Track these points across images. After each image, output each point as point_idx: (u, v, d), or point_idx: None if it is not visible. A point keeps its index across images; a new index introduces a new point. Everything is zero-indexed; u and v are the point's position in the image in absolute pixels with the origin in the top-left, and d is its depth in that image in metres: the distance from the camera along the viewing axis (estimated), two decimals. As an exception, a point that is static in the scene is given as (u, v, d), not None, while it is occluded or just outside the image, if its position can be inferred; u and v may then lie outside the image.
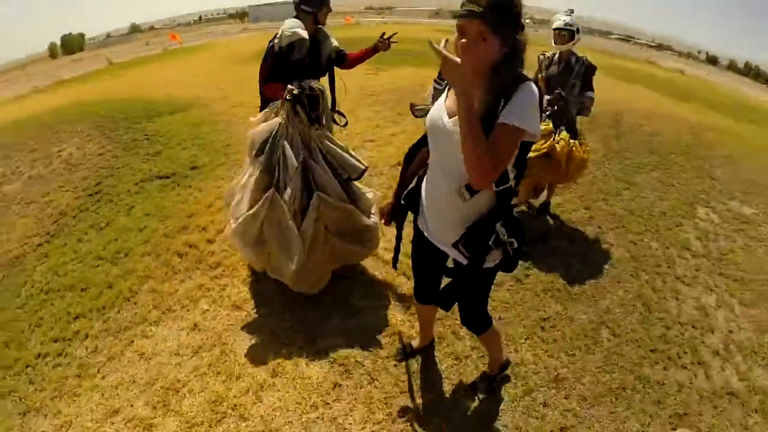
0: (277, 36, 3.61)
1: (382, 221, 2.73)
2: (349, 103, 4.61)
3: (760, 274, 5.35)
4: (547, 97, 5.03)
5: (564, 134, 4.99)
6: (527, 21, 2.01)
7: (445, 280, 2.53)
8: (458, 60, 1.82)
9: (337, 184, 3.68)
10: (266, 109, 3.81)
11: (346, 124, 4.13)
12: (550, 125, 5.04)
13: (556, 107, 5.03)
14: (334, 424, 2.95)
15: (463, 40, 1.85)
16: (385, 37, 4.27)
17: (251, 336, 3.62)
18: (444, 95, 2.12)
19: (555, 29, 5.02)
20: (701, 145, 9.67)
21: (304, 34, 3.57)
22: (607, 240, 5.39)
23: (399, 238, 2.75)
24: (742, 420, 3.45)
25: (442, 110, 2.06)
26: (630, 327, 4.11)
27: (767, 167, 9.48)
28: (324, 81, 4.04)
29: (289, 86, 3.49)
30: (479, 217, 2.14)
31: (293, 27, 3.57)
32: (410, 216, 2.58)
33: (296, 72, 3.62)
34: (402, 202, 2.52)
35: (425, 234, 2.42)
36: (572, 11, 5.13)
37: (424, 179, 2.37)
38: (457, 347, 3.60)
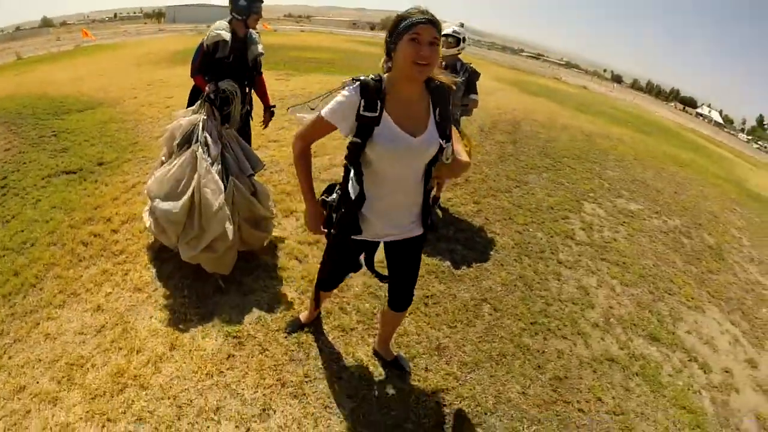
0: (207, 35, 4.26)
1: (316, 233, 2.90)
2: (258, 106, 4.98)
3: (641, 260, 6.02)
4: None
5: (446, 129, 5.45)
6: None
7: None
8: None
9: (244, 176, 4.29)
10: (190, 107, 4.42)
11: (266, 127, 5.27)
12: None
13: None
14: (227, 390, 3.21)
15: (435, 46, 2.24)
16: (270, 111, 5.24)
17: (152, 314, 3.85)
18: (383, 122, 2.36)
19: (444, 35, 5.49)
20: (594, 150, 10.57)
21: (227, 36, 4.22)
22: (493, 230, 5.90)
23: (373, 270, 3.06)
24: (623, 382, 3.94)
25: (401, 135, 2.38)
26: (511, 303, 4.58)
27: (656, 170, 10.49)
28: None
29: (208, 88, 4.22)
30: (424, 194, 2.70)
31: (219, 29, 4.23)
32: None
33: (221, 68, 4.33)
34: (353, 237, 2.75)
35: (370, 240, 2.79)
36: (462, 24, 5.66)
37: (374, 201, 2.61)
38: (344, 321, 3.94)
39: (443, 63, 5.64)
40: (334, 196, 2.69)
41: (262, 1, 4.35)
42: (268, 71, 13.70)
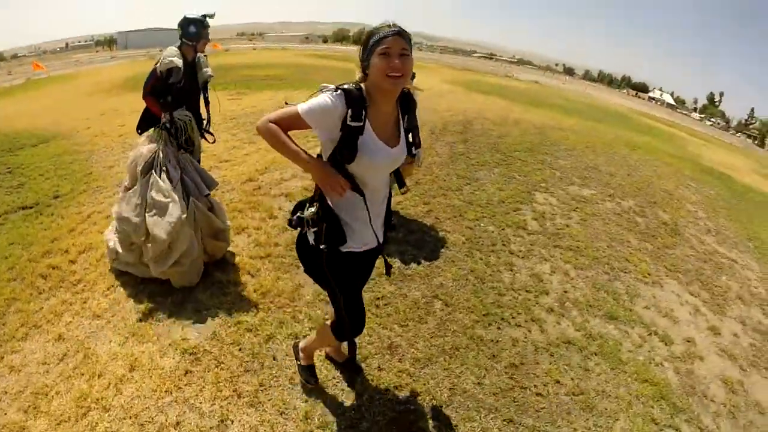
0: (159, 61, 4.44)
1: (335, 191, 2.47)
2: (210, 128, 5.10)
3: (596, 242, 6.15)
4: None
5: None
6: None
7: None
8: None
9: (202, 196, 4.61)
10: (147, 133, 4.64)
11: (215, 141, 5.20)
12: None
13: None
14: (186, 405, 3.27)
15: (406, 57, 2.26)
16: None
17: (111, 339, 3.89)
18: (366, 133, 2.33)
19: None
20: (546, 142, 10.81)
21: (179, 63, 4.41)
22: (444, 228, 5.97)
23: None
24: (581, 363, 4.02)
25: (381, 146, 2.40)
26: (463, 297, 4.64)
27: (608, 155, 10.75)
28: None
29: (163, 117, 4.45)
30: (389, 199, 2.79)
31: (171, 56, 4.41)
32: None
33: (173, 92, 4.50)
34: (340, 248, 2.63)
35: (360, 250, 2.71)
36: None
37: (351, 211, 2.57)
38: (296, 329, 4.01)
39: None
40: (312, 209, 2.52)
41: (209, 27, 4.59)
42: (220, 92, 13.74)
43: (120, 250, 4.52)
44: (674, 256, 6.38)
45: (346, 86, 2.29)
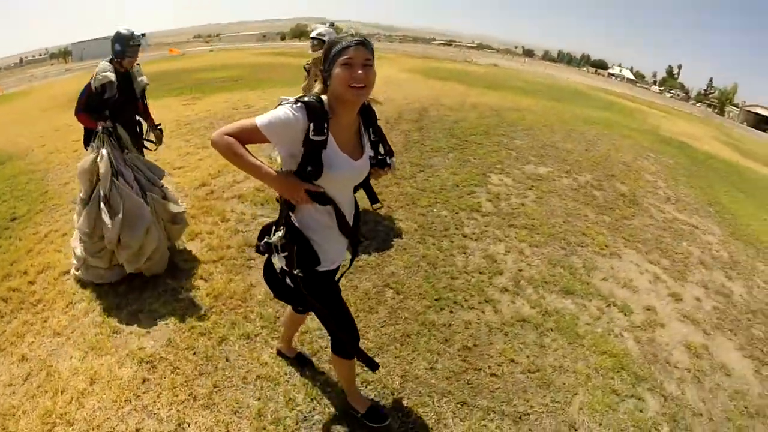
0: (93, 77, 4.52)
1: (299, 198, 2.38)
2: (164, 136, 5.07)
3: (551, 219, 6.22)
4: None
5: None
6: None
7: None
8: None
9: (156, 187, 4.85)
10: (90, 146, 4.62)
11: (159, 146, 5.42)
12: None
13: None
14: (145, 411, 3.32)
15: (369, 67, 2.19)
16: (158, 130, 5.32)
17: (72, 355, 3.89)
18: (329, 146, 2.25)
19: (311, 38, 5.68)
20: (503, 124, 10.88)
21: (113, 77, 4.53)
22: (396, 216, 5.96)
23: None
24: (537, 340, 4.05)
25: (345, 159, 2.33)
26: (415, 284, 4.64)
27: (565, 133, 10.89)
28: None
29: (99, 125, 4.49)
30: (356, 211, 2.71)
31: (105, 71, 4.52)
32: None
33: (110, 106, 4.61)
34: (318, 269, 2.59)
35: (332, 268, 2.71)
36: (333, 24, 5.83)
37: (319, 230, 2.52)
38: (248, 329, 4.03)
39: (307, 64, 5.90)
40: (280, 234, 2.47)
41: (139, 45, 4.64)
42: (175, 98, 13.45)
43: (88, 257, 4.59)
44: (632, 226, 6.48)
45: (306, 98, 2.21)
